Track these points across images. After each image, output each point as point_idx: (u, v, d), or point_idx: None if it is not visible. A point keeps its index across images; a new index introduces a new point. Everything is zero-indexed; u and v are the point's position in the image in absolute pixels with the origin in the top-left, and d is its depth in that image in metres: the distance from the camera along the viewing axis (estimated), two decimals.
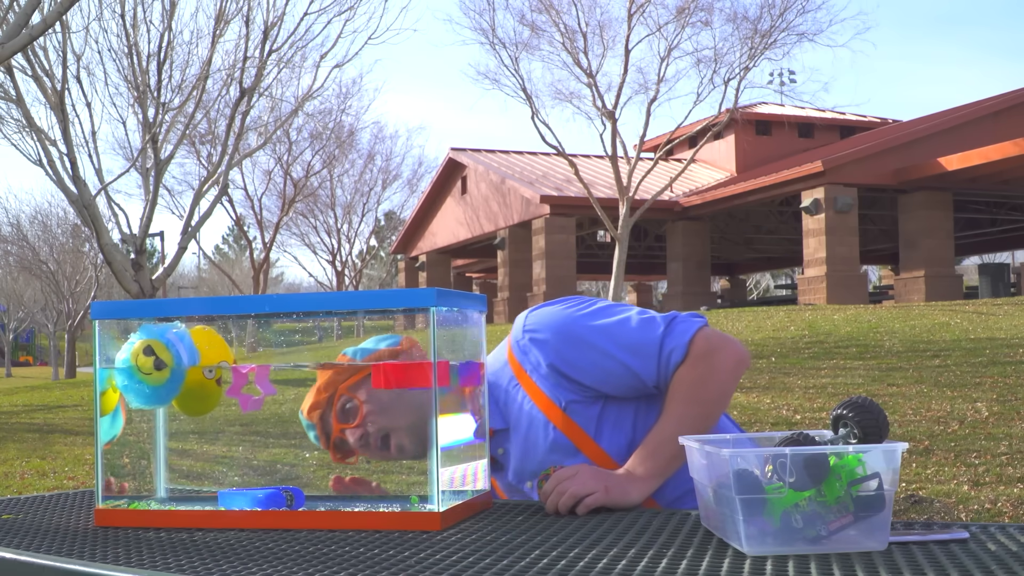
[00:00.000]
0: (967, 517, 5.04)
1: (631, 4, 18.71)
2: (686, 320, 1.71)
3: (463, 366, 1.56)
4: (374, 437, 1.67)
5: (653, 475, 1.63)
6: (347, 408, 1.69)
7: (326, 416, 1.69)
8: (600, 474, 1.59)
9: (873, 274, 40.76)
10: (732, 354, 1.69)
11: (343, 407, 1.69)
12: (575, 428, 1.73)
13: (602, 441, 1.72)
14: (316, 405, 1.68)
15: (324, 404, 1.68)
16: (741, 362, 1.71)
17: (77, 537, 1.44)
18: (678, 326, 1.70)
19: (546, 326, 1.74)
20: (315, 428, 1.70)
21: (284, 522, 1.46)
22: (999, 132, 19.51)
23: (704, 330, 1.70)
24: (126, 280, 12.39)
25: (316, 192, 35.94)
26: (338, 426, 1.69)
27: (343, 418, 1.69)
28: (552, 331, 1.73)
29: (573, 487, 1.54)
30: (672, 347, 1.67)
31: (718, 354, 1.68)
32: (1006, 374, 9.08)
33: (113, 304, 1.57)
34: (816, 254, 19.56)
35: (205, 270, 52.93)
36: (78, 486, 7.43)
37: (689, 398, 1.66)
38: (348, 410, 1.69)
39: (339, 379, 1.69)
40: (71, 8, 8.67)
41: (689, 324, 1.70)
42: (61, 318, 37.57)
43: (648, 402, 1.75)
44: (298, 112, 17.86)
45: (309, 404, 1.69)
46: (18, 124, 12.43)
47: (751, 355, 11.73)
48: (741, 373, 1.72)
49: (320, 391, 1.68)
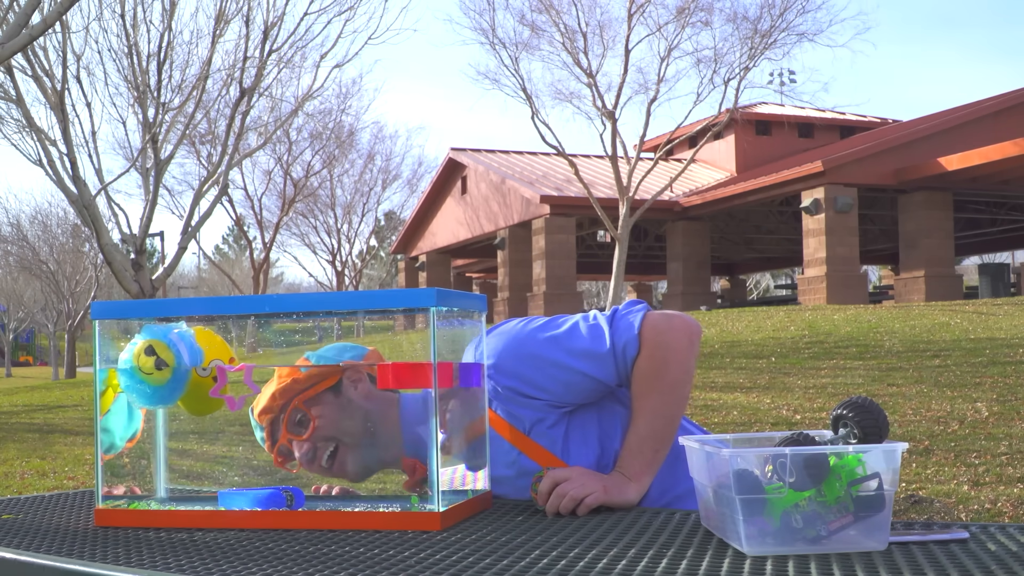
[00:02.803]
0: (967, 517, 5.04)
1: (631, 4, 18.71)
2: (629, 312, 1.70)
3: (463, 366, 1.56)
4: (320, 452, 1.67)
5: (643, 472, 1.64)
6: (298, 420, 1.68)
7: (276, 423, 1.68)
8: (595, 475, 1.59)
9: (873, 274, 40.76)
10: (682, 330, 1.68)
11: (295, 419, 1.68)
12: (540, 450, 1.71)
13: (569, 460, 1.70)
14: (268, 410, 1.68)
15: (276, 411, 1.68)
16: (693, 334, 1.69)
17: (77, 537, 1.44)
18: (623, 320, 1.69)
19: (496, 351, 1.70)
20: (262, 431, 1.70)
21: (284, 522, 1.46)
22: (999, 132, 19.51)
23: (649, 316, 1.68)
24: (126, 280, 12.39)
25: (316, 192, 35.94)
26: (286, 435, 1.68)
27: (293, 429, 1.68)
28: (503, 354, 1.70)
29: (572, 490, 1.54)
30: (624, 342, 1.66)
31: (669, 335, 1.67)
32: (1006, 374, 9.08)
33: (113, 304, 1.57)
34: (816, 254, 19.56)
35: (205, 270, 52.92)
36: (78, 486, 7.43)
37: (654, 388, 1.65)
38: (299, 422, 1.68)
39: (296, 388, 1.67)
40: (71, 8, 8.67)
41: (632, 316, 1.69)
42: (61, 318, 37.58)
43: (610, 412, 1.73)
44: (298, 112, 17.86)
45: (261, 407, 1.68)
46: (18, 124, 12.44)
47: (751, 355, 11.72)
48: (697, 344, 1.71)
49: (275, 397, 1.67)
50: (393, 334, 19.96)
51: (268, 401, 1.67)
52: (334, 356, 1.73)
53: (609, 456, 1.70)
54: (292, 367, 1.70)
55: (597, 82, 18.90)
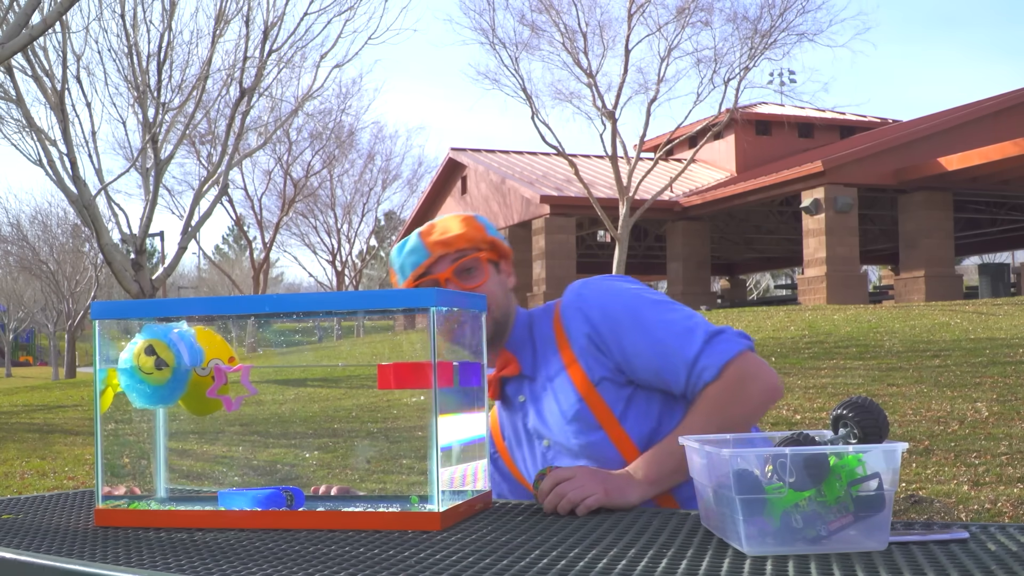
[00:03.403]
0: (967, 517, 5.04)
1: (631, 4, 18.72)
2: (730, 340, 1.69)
3: (463, 366, 1.56)
4: None
5: (653, 481, 1.63)
6: (468, 269, 1.78)
7: (445, 259, 1.78)
8: (598, 476, 1.59)
9: (873, 274, 40.76)
10: (765, 385, 1.68)
11: (466, 266, 1.78)
12: (602, 405, 1.74)
13: (626, 424, 1.73)
14: (448, 244, 1.77)
15: (453, 251, 1.78)
16: (773, 393, 1.69)
17: (77, 537, 1.44)
18: (720, 344, 1.68)
19: (595, 299, 1.77)
20: (417, 255, 1.78)
21: (284, 522, 1.46)
22: (999, 132, 19.51)
23: (744, 355, 1.67)
24: (126, 280, 12.39)
25: (316, 192, 35.94)
26: (451, 275, 1.78)
27: (460, 274, 1.78)
28: (599, 305, 1.75)
29: (571, 492, 1.54)
30: (706, 365, 1.66)
31: (751, 383, 1.67)
32: (1006, 374, 9.08)
33: (113, 304, 1.57)
34: (816, 254, 19.56)
35: (205, 270, 52.92)
36: (78, 486, 7.43)
37: (711, 416, 1.65)
38: (468, 271, 1.78)
39: (480, 243, 1.80)
40: (71, 8, 8.67)
41: (731, 345, 1.68)
42: (61, 318, 37.57)
43: (674, 400, 1.75)
44: (298, 112, 17.87)
45: (443, 238, 1.77)
46: (18, 124, 12.44)
47: None
48: (770, 405, 1.71)
49: (461, 239, 1.77)
50: (393, 334, 19.94)
51: (453, 237, 1.77)
52: (502, 239, 1.89)
53: (663, 434, 1.71)
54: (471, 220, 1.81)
55: (597, 82, 18.91)
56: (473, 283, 1.78)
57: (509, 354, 1.85)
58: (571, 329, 1.78)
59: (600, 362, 1.74)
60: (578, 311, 1.78)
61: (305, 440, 7.63)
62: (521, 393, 1.86)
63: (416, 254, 1.79)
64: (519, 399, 1.86)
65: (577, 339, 1.76)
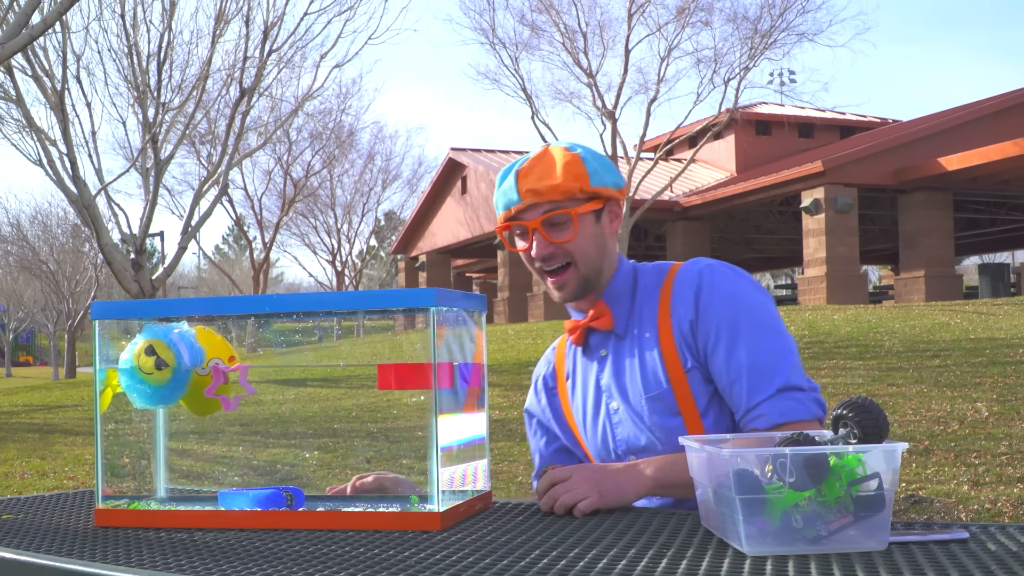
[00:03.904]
0: (967, 517, 5.04)
1: (631, 4, 18.72)
2: (802, 402, 1.64)
3: (463, 366, 1.56)
4: (554, 260, 1.73)
5: (659, 484, 1.61)
6: (559, 223, 1.72)
7: (536, 208, 1.71)
8: (594, 476, 1.57)
9: (873, 274, 40.76)
10: None
11: (555, 220, 1.71)
12: (687, 394, 1.71)
13: (706, 419, 1.70)
14: (537, 193, 1.70)
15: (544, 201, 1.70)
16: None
17: (77, 537, 1.44)
18: (789, 401, 1.63)
19: (714, 294, 1.70)
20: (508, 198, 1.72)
21: (284, 522, 1.46)
22: (999, 132, 19.50)
23: (806, 423, 1.62)
24: (126, 280, 12.39)
25: (316, 192, 35.93)
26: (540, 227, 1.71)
27: (548, 227, 1.71)
28: (715, 303, 1.69)
29: (565, 495, 1.53)
30: (764, 413, 1.63)
31: None
32: (1006, 374, 9.08)
33: (113, 304, 1.57)
34: (816, 254, 19.56)
35: (205, 270, 52.91)
36: (78, 486, 7.43)
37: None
38: (557, 224, 1.72)
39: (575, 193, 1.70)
40: (71, 8, 8.67)
41: (799, 407, 1.63)
42: (61, 318, 37.57)
43: None
44: (298, 112, 17.87)
45: (531, 187, 1.70)
46: (18, 124, 12.44)
47: None
48: None
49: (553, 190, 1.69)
50: (393, 334, 19.95)
51: (546, 187, 1.69)
52: (611, 181, 1.75)
53: (736, 431, 1.68)
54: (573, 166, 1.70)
55: (597, 82, 18.91)
56: (561, 237, 1.71)
57: (604, 305, 1.78)
58: (678, 308, 1.72)
59: (692, 352, 1.70)
60: (693, 296, 1.71)
61: (305, 440, 7.62)
62: (605, 347, 1.80)
63: (508, 195, 1.73)
64: (601, 352, 1.81)
65: (680, 321, 1.71)
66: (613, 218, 1.79)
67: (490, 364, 3.78)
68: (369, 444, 7.45)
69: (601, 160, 1.76)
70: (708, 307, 1.69)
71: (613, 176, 1.75)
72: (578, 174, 1.70)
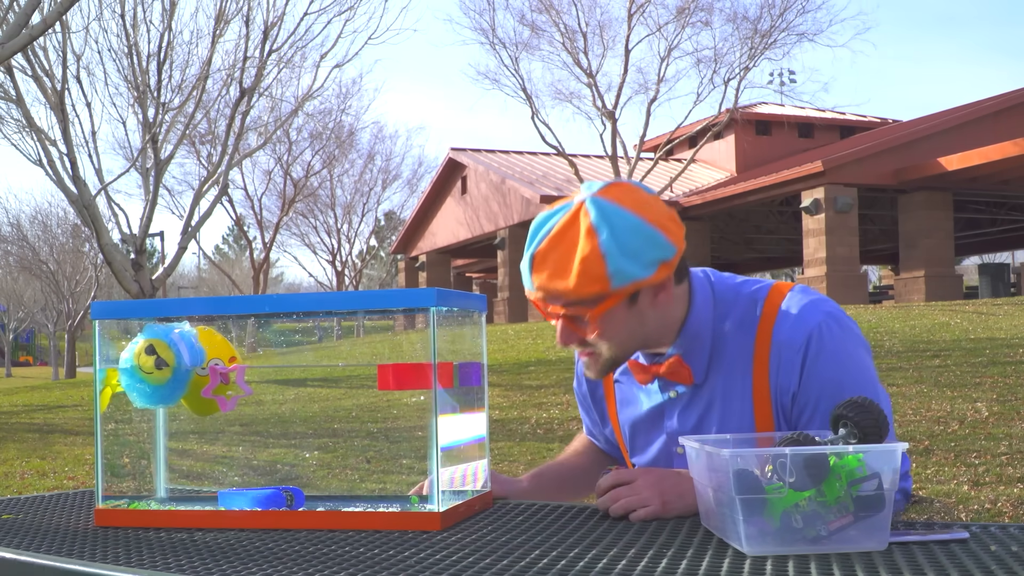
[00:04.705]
0: (967, 517, 5.04)
1: (631, 4, 18.73)
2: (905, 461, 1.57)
3: (463, 366, 1.56)
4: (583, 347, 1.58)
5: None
6: (580, 319, 1.53)
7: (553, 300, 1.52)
8: (659, 483, 1.48)
9: (873, 274, 40.76)
10: None
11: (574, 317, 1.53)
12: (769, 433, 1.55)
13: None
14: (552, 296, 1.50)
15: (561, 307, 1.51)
16: None
17: (77, 537, 1.44)
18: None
19: (824, 365, 1.55)
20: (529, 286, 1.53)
21: (284, 522, 1.46)
22: (999, 132, 19.51)
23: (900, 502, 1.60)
24: (126, 280, 12.40)
25: (316, 192, 35.95)
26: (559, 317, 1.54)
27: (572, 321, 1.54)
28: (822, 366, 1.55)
29: (628, 500, 1.46)
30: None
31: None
32: (1006, 374, 9.08)
33: (113, 304, 1.57)
34: (816, 254, 19.56)
35: (205, 270, 52.92)
36: (78, 486, 7.43)
37: None
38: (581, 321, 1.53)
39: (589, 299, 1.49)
40: (71, 8, 8.67)
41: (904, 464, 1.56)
42: (61, 318, 37.58)
43: None
44: (298, 112, 17.88)
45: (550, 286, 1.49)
46: (18, 124, 12.45)
47: None
48: None
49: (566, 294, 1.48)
50: (393, 334, 19.94)
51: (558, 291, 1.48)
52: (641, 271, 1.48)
53: None
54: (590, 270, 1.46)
55: (597, 82, 18.92)
56: (583, 330, 1.56)
57: (681, 362, 1.61)
58: (780, 374, 1.58)
59: (787, 419, 1.60)
60: (799, 364, 1.56)
61: (305, 440, 7.62)
62: (676, 388, 1.66)
63: (526, 279, 1.56)
64: (671, 394, 1.67)
65: (780, 391, 1.58)
66: (658, 292, 1.55)
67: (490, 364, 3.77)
68: (369, 444, 7.44)
69: (632, 245, 1.47)
70: (812, 375, 1.56)
71: (644, 263, 1.48)
72: (595, 276, 1.46)
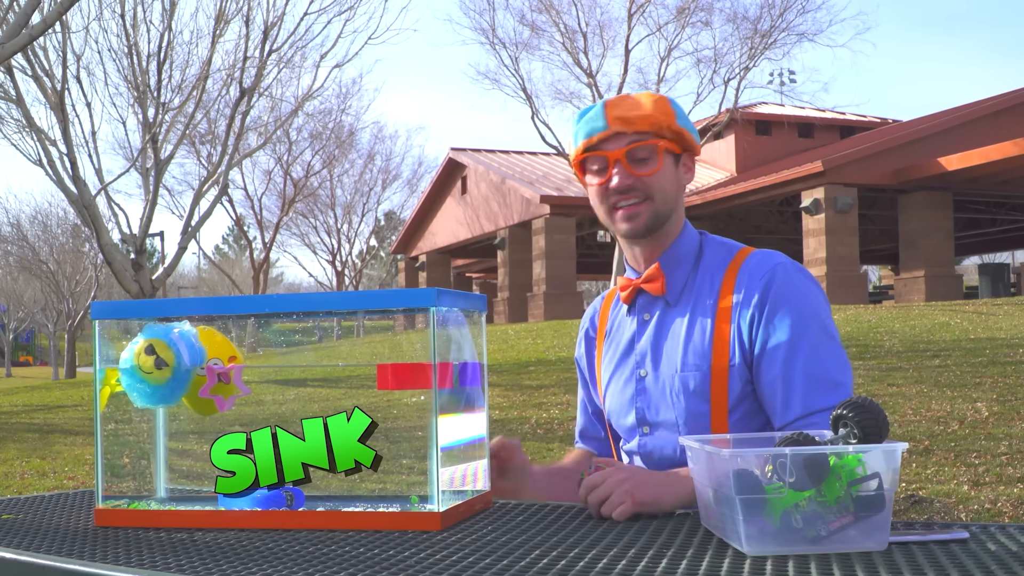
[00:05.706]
0: (967, 517, 5.04)
1: (631, 4, 18.73)
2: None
3: (463, 366, 1.56)
4: (633, 194, 1.70)
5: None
6: (642, 157, 1.69)
7: (621, 136, 1.68)
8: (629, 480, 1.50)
9: (873, 274, 40.75)
10: None
11: (639, 153, 1.68)
12: (723, 386, 1.67)
13: (732, 416, 1.66)
14: (627, 123, 1.68)
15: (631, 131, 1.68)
16: None
17: (77, 537, 1.44)
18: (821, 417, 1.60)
19: (786, 288, 1.66)
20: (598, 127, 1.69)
21: (284, 522, 1.46)
22: (999, 132, 19.50)
23: None
24: (126, 280, 12.39)
25: (316, 192, 35.94)
26: (623, 157, 1.68)
27: (631, 159, 1.69)
28: (784, 297, 1.65)
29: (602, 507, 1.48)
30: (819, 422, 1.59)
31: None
32: (1006, 374, 9.08)
33: (113, 304, 1.57)
34: (816, 254, 19.56)
35: (205, 270, 52.91)
36: (78, 486, 7.43)
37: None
38: (641, 159, 1.69)
39: (663, 129, 1.68)
40: (71, 8, 8.67)
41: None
42: (61, 318, 37.57)
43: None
44: (298, 112, 17.88)
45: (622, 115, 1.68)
46: (18, 124, 12.45)
47: None
48: None
49: (644, 120, 1.68)
50: (393, 334, 19.96)
51: (636, 116, 1.67)
52: (693, 131, 1.75)
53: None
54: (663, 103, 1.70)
55: (597, 82, 18.91)
56: (643, 171, 1.68)
57: (660, 269, 1.75)
58: (743, 299, 1.68)
59: (742, 348, 1.67)
60: (761, 290, 1.66)
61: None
62: (651, 312, 1.76)
63: (594, 123, 1.69)
64: (645, 316, 1.77)
65: (740, 314, 1.67)
66: (687, 170, 1.76)
67: (490, 364, 3.76)
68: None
69: (681, 110, 1.75)
70: (775, 308, 1.65)
71: (694, 130, 1.75)
72: (666, 111, 1.70)
